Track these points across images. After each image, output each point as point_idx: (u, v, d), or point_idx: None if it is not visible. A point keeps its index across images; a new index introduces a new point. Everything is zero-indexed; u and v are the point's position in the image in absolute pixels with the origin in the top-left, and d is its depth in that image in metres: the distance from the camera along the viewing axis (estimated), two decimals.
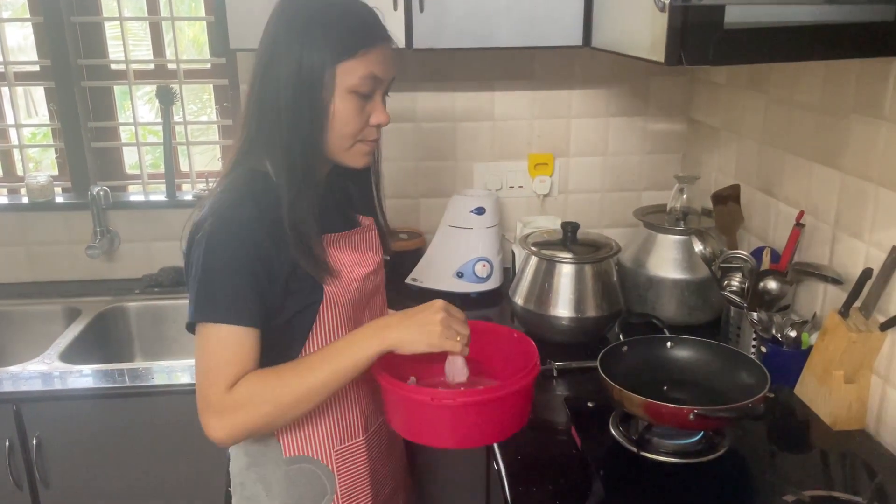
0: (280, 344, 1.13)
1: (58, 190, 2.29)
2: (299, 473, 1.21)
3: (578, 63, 2.18)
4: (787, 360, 1.52)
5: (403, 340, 1.10)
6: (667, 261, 1.83)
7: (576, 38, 1.70)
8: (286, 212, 1.08)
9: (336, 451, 1.23)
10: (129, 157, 2.37)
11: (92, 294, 2.17)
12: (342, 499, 1.24)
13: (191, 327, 1.09)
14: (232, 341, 1.06)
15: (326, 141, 1.12)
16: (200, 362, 1.08)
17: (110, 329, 2.12)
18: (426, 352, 1.11)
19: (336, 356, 1.10)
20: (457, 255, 2.08)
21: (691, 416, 1.19)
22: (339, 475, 1.23)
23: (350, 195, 1.29)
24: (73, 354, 1.87)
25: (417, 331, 1.10)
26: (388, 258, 2.11)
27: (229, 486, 1.29)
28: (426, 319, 1.11)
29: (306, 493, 1.22)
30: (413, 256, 2.15)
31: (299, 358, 1.14)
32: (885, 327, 1.34)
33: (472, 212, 2.07)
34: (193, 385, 1.65)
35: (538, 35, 1.72)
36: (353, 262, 1.20)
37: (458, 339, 1.12)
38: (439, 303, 1.14)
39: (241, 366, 1.06)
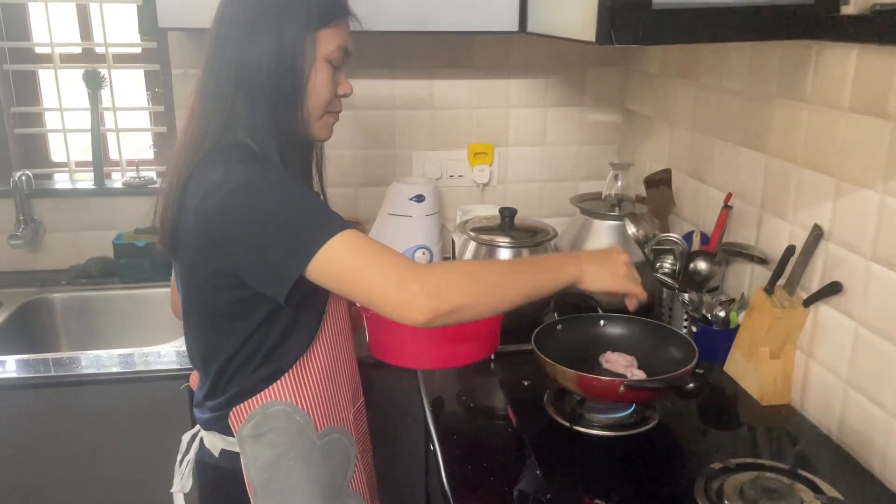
0: (312, 294, 1.10)
1: None
2: (331, 445, 1.21)
3: (516, 51, 2.19)
4: (717, 339, 1.56)
5: (594, 274, 1.16)
6: (602, 245, 1.85)
7: (512, 24, 1.71)
8: None
9: (352, 414, 1.26)
10: (59, 147, 2.29)
11: (15, 285, 2.08)
12: (360, 460, 1.27)
13: (306, 260, 1.01)
14: (369, 238, 1.04)
15: (304, 111, 1.13)
16: (361, 261, 1.00)
17: (34, 322, 2.03)
18: (607, 289, 1.18)
19: (540, 270, 1.13)
20: (396, 243, 2.06)
21: (622, 389, 1.21)
22: (355, 437, 1.26)
23: None
24: None
25: (607, 269, 1.17)
26: None
27: (244, 491, 1.19)
28: (614, 260, 1.19)
29: (338, 463, 1.22)
30: None
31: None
32: (807, 303, 1.39)
33: (411, 199, 2.06)
34: (123, 374, 1.65)
35: (475, 20, 1.72)
36: None
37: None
38: (621, 249, 1.23)
39: None
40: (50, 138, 2.28)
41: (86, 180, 2.23)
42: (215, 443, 1.21)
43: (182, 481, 1.27)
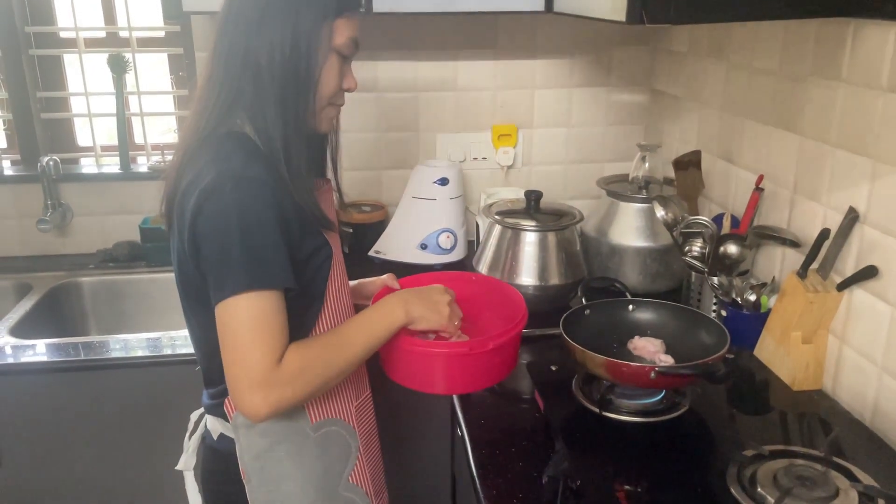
0: (303, 302, 1.10)
1: (7, 163, 2.21)
2: (327, 438, 1.19)
3: (541, 32, 2.16)
4: (747, 323, 1.54)
5: (421, 317, 1.18)
6: (629, 229, 1.83)
7: (538, 4, 1.69)
8: (286, 169, 1.07)
9: (355, 407, 1.24)
10: (85, 131, 2.30)
11: (44, 269, 2.10)
12: (363, 454, 1.25)
13: (222, 297, 1.01)
14: (274, 309, 1.01)
15: (313, 101, 1.11)
16: (237, 336, 1.00)
17: (63, 305, 2.06)
18: (433, 329, 1.20)
19: (370, 326, 1.14)
20: (420, 227, 2.06)
21: (652, 375, 1.20)
22: (358, 430, 1.24)
23: None
24: (24, 330, 1.81)
25: (432, 310, 1.19)
26: (351, 230, 2.11)
27: (240, 476, 1.18)
28: (438, 300, 1.21)
29: (336, 456, 1.21)
30: (376, 229, 2.13)
31: (334, 328, 1.15)
32: (841, 287, 1.36)
33: (435, 182, 2.05)
34: (151, 358, 1.67)
35: (501, 0, 1.70)
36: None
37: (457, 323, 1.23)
38: (442, 287, 1.24)
39: (285, 334, 1.03)
40: (76, 123, 2.29)
41: (112, 164, 2.24)
42: (215, 426, 1.21)
43: (187, 459, 1.28)
